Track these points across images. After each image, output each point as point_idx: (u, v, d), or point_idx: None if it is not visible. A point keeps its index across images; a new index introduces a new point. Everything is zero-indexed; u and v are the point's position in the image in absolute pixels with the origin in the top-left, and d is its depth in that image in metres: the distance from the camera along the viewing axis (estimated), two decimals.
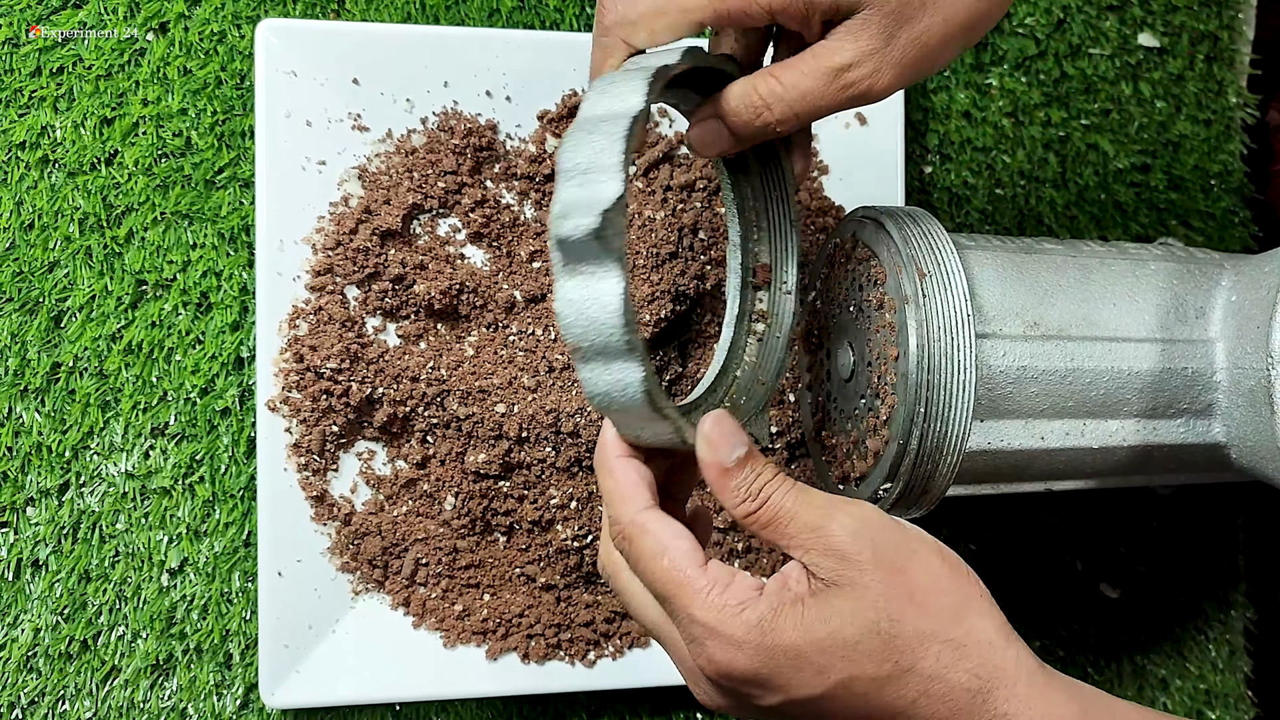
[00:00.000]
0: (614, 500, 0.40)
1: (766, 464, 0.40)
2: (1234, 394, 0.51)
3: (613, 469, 0.41)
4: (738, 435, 0.39)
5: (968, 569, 0.39)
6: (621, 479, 0.40)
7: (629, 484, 0.40)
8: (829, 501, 0.39)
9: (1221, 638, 0.70)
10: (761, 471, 0.39)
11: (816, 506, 0.38)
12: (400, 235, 0.57)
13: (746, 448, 0.39)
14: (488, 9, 0.62)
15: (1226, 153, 0.71)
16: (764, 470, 0.39)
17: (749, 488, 0.39)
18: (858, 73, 0.40)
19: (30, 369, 0.56)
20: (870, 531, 0.38)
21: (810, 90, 0.41)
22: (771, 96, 0.41)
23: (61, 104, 0.57)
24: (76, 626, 0.57)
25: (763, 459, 0.40)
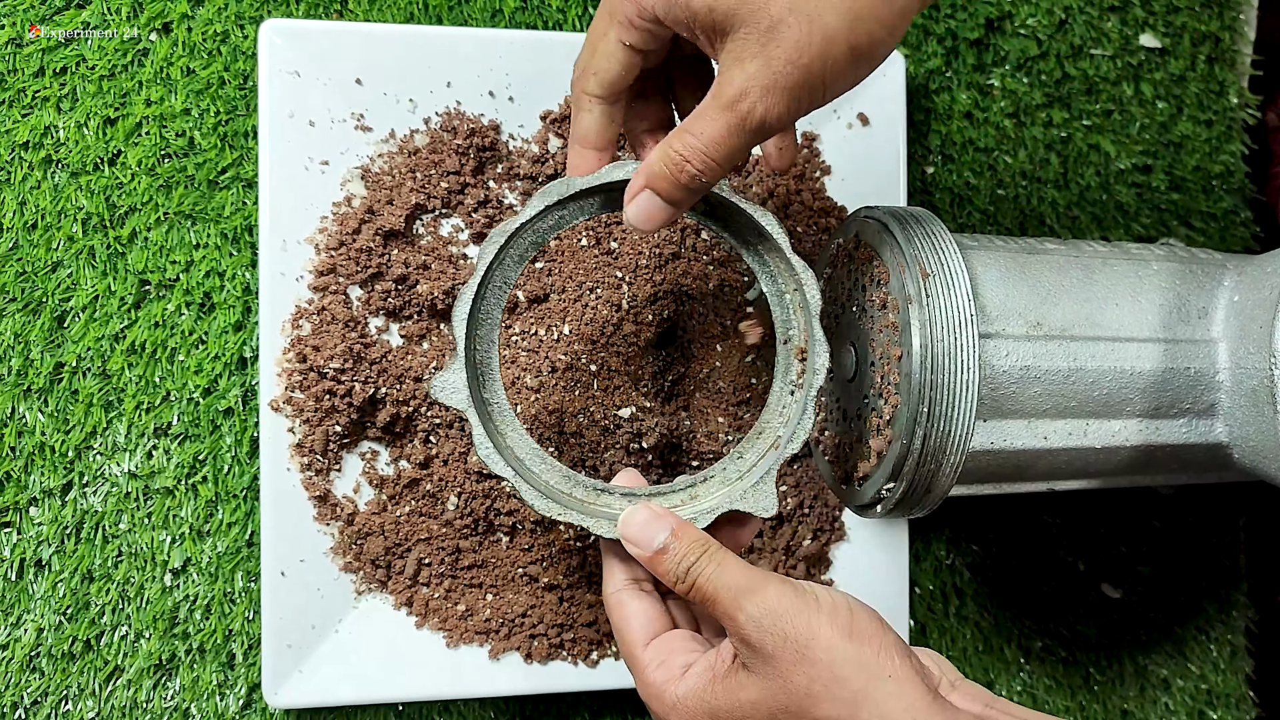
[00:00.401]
0: (605, 574, 0.47)
1: (692, 544, 0.43)
2: (1236, 394, 0.51)
3: (607, 548, 0.47)
4: (657, 523, 0.44)
5: (881, 637, 0.40)
6: (610, 557, 0.46)
7: (618, 560, 0.46)
8: (743, 586, 0.41)
9: (1223, 638, 0.70)
10: (685, 554, 0.43)
11: (730, 593, 0.41)
12: (403, 235, 0.57)
13: (668, 532, 0.43)
14: (490, 9, 0.62)
15: (1228, 153, 0.71)
16: (687, 552, 0.43)
17: (676, 570, 0.43)
18: (749, 102, 0.40)
19: (33, 369, 0.56)
20: (773, 622, 0.40)
21: (716, 133, 0.41)
22: (686, 149, 0.42)
23: (65, 104, 0.57)
24: (79, 626, 0.57)
25: (688, 538, 0.43)
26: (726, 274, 0.59)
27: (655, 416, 0.58)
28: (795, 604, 0.40)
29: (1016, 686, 0.67)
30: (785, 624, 0.40)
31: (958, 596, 0.66)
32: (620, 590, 0.46)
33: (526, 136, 0.59)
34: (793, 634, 0.40)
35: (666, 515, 0.44)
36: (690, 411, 0.60)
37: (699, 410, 0.60)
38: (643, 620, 0.45)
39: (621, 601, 0.46)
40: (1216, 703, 0.70)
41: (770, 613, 0.40)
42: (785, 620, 0.40)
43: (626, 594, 0.46)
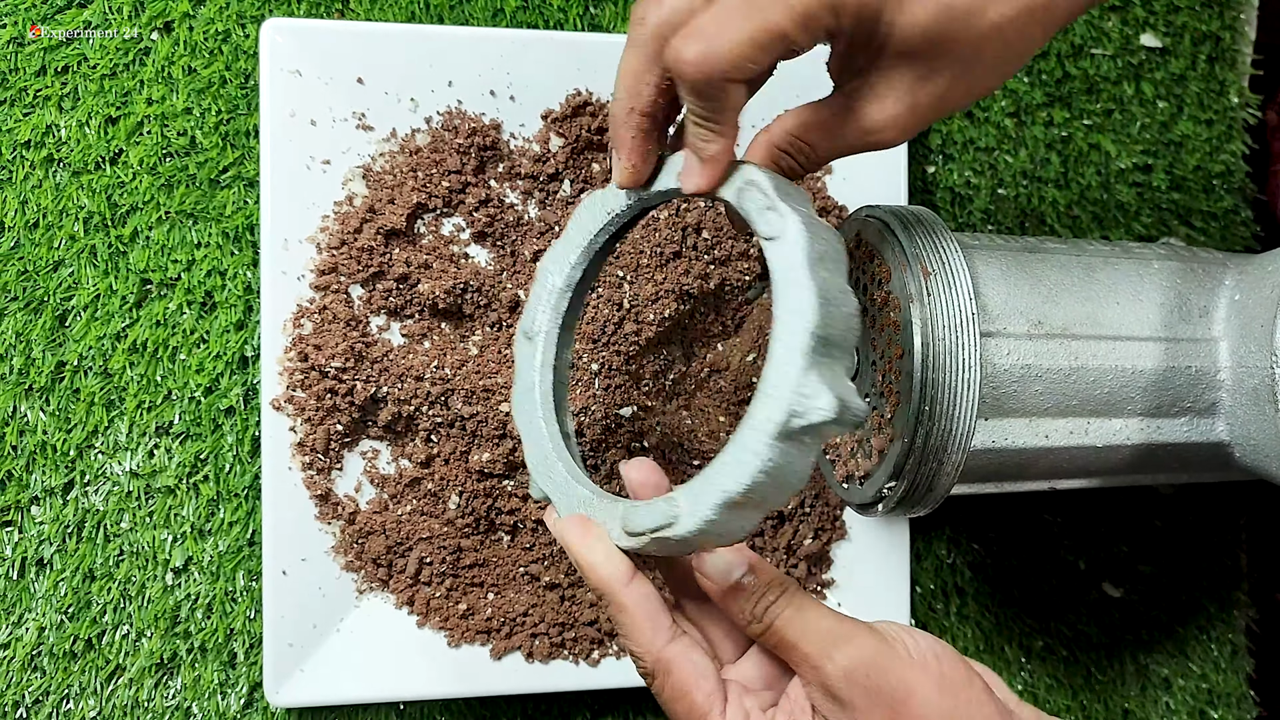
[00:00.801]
0: (633, 634, 0.40)
1: (770, 582, 0.39)
2: (1238, 393, 0.51)
3: (624, 602, 0.40)
4: (735, 558, 0.40)
5: (969, 687, 0.38)
6: (636, 611, 0.40)
7: (645, 616, 0.40)
8: (830, 633, 0.38)
9: (1224, 637, 0.70)
10: (764, 594, 0.39)
11: (816, 639, 0.38)
12: (404, 234, 0.57)
13: (745, 567, 0.39)
14: (492, 9, 0.62)
15: (1228, 153, 0.71)
16: (766, 593, 0.39)
17: (752, 610, 0.39)
18: (879, 135, 0.41)
19: (35, 368, 0.56)
20: (864, 674, 0.37)
21: (830, 150, 0.42)
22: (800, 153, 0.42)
23: (66, 103, 0.57)
24: (81, 625, 0.57)
25: (765, 576, 0.39)
26: (728, 273, 0.59)
27: (657, 415, 0.58)
28: (886, 655, 0.38)
29: (1018, 686, 0.67)
30: (878, 678, 0.37)
31: (959, 595, 0.66)
32: (670, 644, 0.40)
33: (528, 136, 0.59)
34: (886, 689, 0.37)
35: (742, 549, 0.40)
36: (692, 410, 0.60)
37: (700, 409, 0.60)
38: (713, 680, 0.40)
39: (681, 656, 0.40)
40: (1218, 702, 0.70)
41: (862, 664, 0.37)
42: (878, 674, 0.37)
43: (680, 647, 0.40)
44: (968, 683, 0.38)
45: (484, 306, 0.57)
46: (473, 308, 0.57)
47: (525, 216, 0.59)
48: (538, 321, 0.46)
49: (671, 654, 0.40)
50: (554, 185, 0.59)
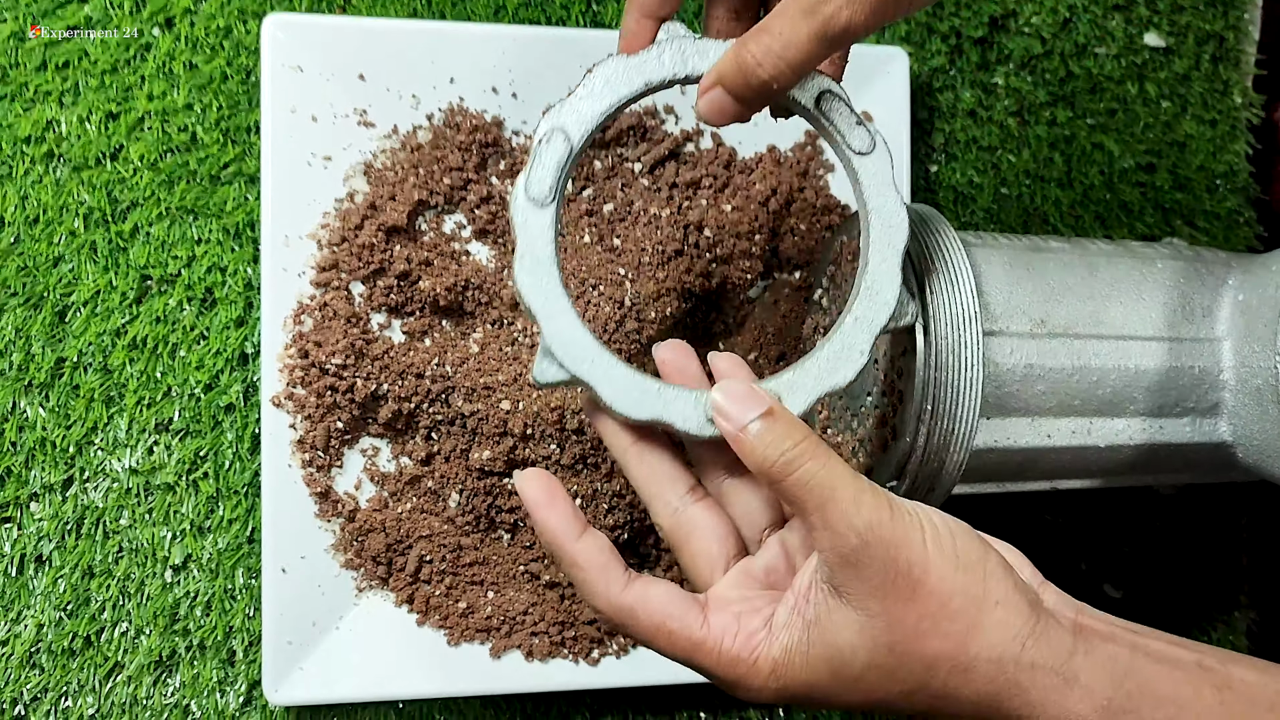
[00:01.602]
0: (587, 587, 0.39)
1: (792, 426, 0.37)
2: (1241, 393, 0.51)
3: (574, 557, 0.39)
4: (754, 398, 0.38)
5: (985, 561, 0.37)
6: (587, 563, 0.39)
7: (596, 568, 0.39)
8: (850, 492, 0.36)
9: (1224, 638, 0.70)
10: (784, 436, 0.37)
11: (842, 498, 0.36)
12: (406, 231, 0.57)
13: (765, 408, 0.38)
14: (494, 5, 0.61)
15: (1232, 153, 0.71)
16: (787, 435, 0.37)
17: (771, 453, 0.37)
18: (833, 6, 0.37)
19: (34, 364, 0.56)
20: (881, 546, 0.36)
21: (793, 36, 0.38)
22: (760, 51, 0.39)
23: (67, 99, 0.57)
24: (79, 622, 0.56)
25: (786, 419, 0.38)
26: (730, 272, 0.59)
27: None
28: (904, 526, 0.36)
29: None
30: (896, 552, 0.36)
31: None
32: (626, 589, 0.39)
33: (530, 133, 0.59)
34: (903, 562, 0.35)
35: (764, 394, 0.39)
36: None
37: None
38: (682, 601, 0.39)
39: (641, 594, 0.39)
40: None
41: (879, 532, 0.35)
42: (896, 547, 0.36)
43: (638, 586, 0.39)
44: (982, 558, 0.37)
45: (485, 304, 0.57)
46: (474, 305, 0.57)
47: None
48: (547, 185, 0.41)
49: (630, 598, 0.39)
50: None
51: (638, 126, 0.59)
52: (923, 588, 0.36)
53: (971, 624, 0.36)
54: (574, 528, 0.39)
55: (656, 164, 0.59)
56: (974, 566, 0.37)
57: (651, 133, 0.59)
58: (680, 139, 0.60)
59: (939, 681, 0.36)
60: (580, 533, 0.39)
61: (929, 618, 0.36)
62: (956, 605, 0.36)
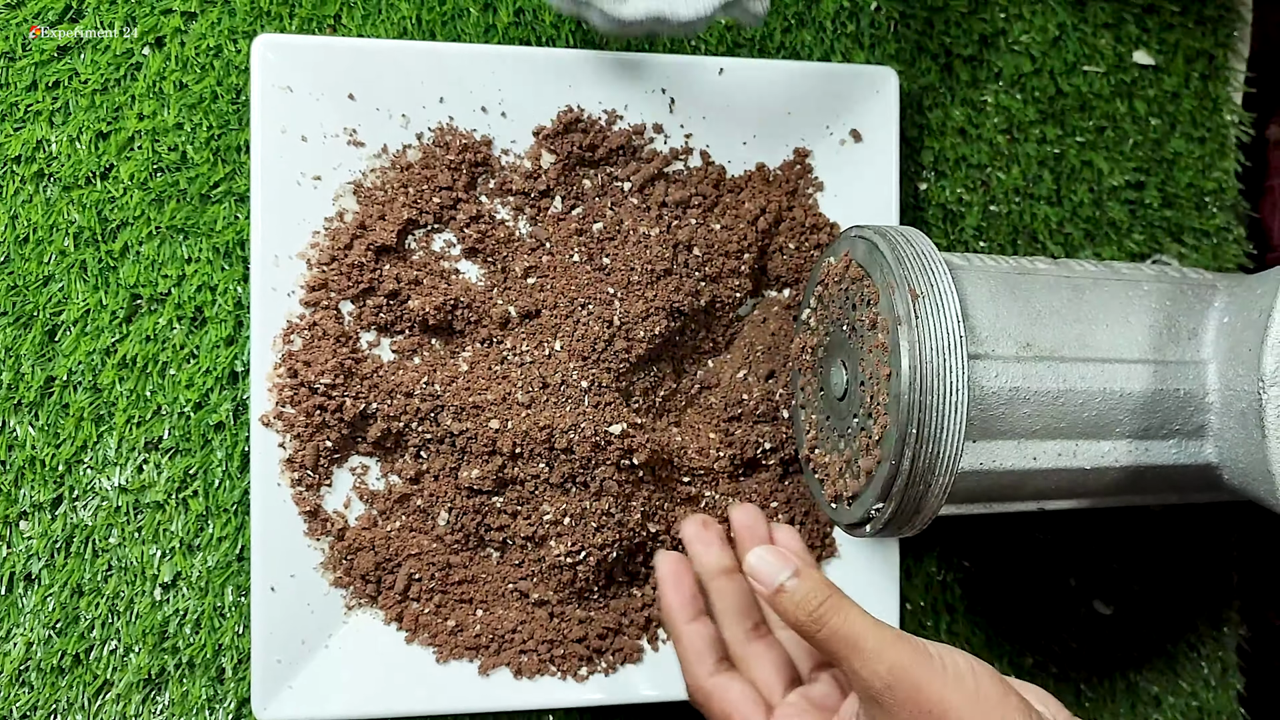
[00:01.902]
0: (684, 664, 0.50)
1: (818, 584, 0.44)
2: (1226, 416, 0.51)
3: (680, 636, 0.50)
4: (781, 560, 0.45)
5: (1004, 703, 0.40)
6: (687, 646, 0.50)
7: (693, 652, 0.50)
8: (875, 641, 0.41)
9: (1214, 655, 0.70)
10: (811, 594, 0.43)
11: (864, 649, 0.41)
12: (395, 250, 0.57)
13: (792, 569, 0.44)
14: (484, 25, 0.62)
15: (1221, 170, 0.71)
16: (813, 592, 0.43)
17: (801, 610, 0.43)
18: None
19: (24, 383, 0.56)
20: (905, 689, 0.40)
21: None
22: None
23: (57, 118, 0.57)
24: (69, 640, 0.56)
25: (813, 578, 0.44)
26: (719, 290, 0.59)
27: (646, 433, 0.58)
28: (926, 669, 0.41)
29: None
30: (918, 693, 0.40)
31: (949, 613, 0.66)
32: (712, 676, 0.48)
33: (519, 152, 0.59)
34: (924, 702, 0.40)
35: (790, 555, 0.45)
36: (682, 427, 0.60)
37: (690, 426, 0.60)
38: (750, 703, 0.47)
39: (720, 687, 0.48)
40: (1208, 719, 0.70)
41: (900, 674, 0.40)
42: (917, 688, 0.40)
43: (721, 680, 0.48)
44: (1002, 699, 0.40)
45: (474, 323, 0.57)
46: (463, 324, 0.57)
47: (516, 233, 0.59)
48: None
49: (711, 685, 0.48)
50: (545, 201, 0.59)
51: (627, 145, 0.59)
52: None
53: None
54: (689, 611, 0.51)
55: (646, 183, 0.59)
56: (993, 708, 0.40)
57: (641, 152, 0.60)
58: (669, 158, 0.60)
59: None
60: (692, 618, 0.51)
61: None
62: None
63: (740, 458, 0.60)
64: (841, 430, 0.53)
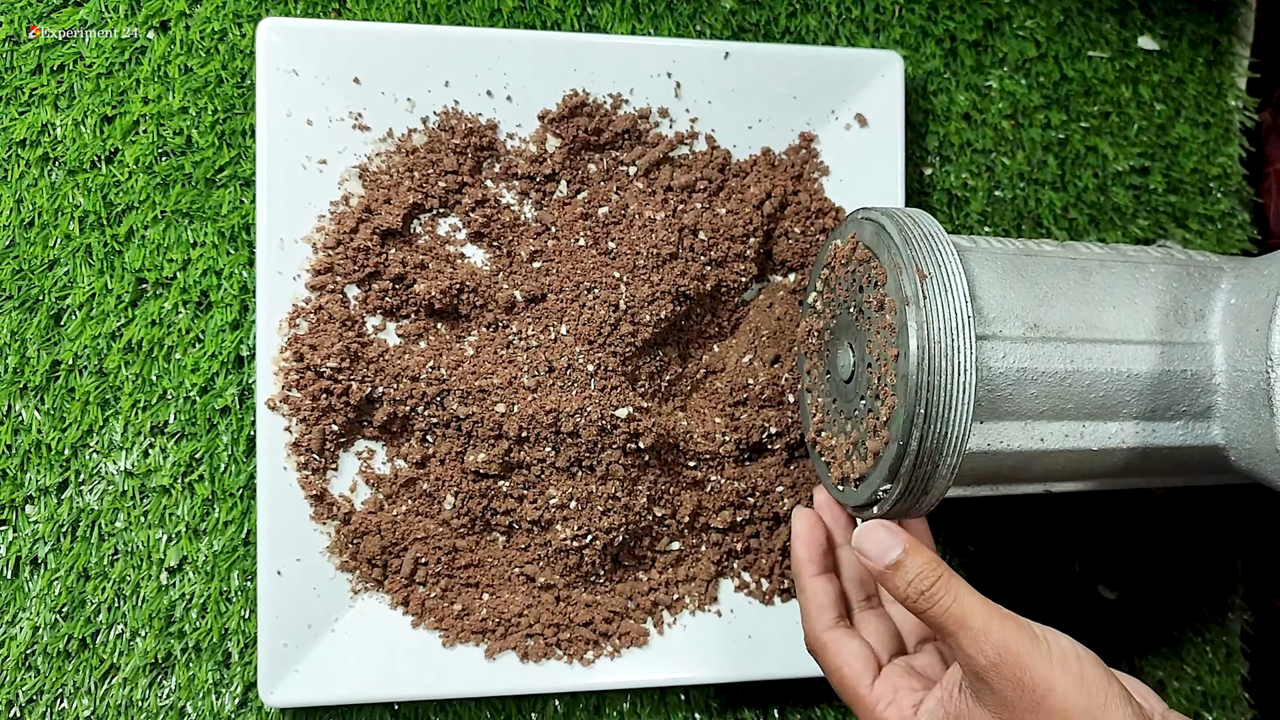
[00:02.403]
0: (805, 616, 0.51)
1: (927, 563, 0.45)
2: (1233, 396, 0.51)
3: (805, 588, 0.52)
4: (892, 539, 0.46)
5: (1108, 688, 0.41)
6: (810, 598, 0.51)
7: (815, 604, 0.51)
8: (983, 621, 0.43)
9: (1219, 639, 0.70)
10: (922, 573, 0.45)
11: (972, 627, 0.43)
12: (400, 234, 0.57)
13: (901, 549, 0.45)
14: (489, 9, 0.62)
15: (1225, 155, 0.71)
16: (924, 572, 0.45)
17: (910, 588, 0.45)
18: None
19: (30, 367, 0.56)
20: (1011, 667, 0.41)
21: None
22: None
23: (62, 102, 0.57)
24: (75, 625, 0.56)
25: (922, 557, 0.45)
26: (724, 274, 0.59)
27: (652, 417, 0.58)
28: (1031, 650, 0.42)
29: None
30: (1023, 673, 0.41)
31: None
32: (830, 629, 0.50)
33: (524, 136, 0.59)
34: (1029, 682, 0.41)
35: (900, 532, 0.46)
36: (688, 412, 0.60)
37: (696, 411, 0.60)
38: (862, 659, 0.49)
39: (836, 639, 0.49)
40: (1212, 704, 0.70)
41: (1009, 652, 0.42)
42: (1023, 669, 0.41)
43: (837, 633, 0.50)
44: (1106, 685, 0.41)
45: (480, 307, 0.57)
46: (469, 308, 0.57)
47: (521, 217, 0.59)
48: None
49: (828, 637, 0.50)
50: (550, 186, 0.59)
51: (632, 130, 0.59)
52: (1045, 704, 0.41)
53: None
54: (816, 566, 0.52)
55: (651, 167, 0.59)
56: (1096, 692, 0.41)
57: (646, 136, 0.60)
58: (675, 142, 0.60)
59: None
60: (818, 572, 0.52)
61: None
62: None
63: (746, 442, 0.60)
64: (848, 412, 0.53)
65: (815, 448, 0.57)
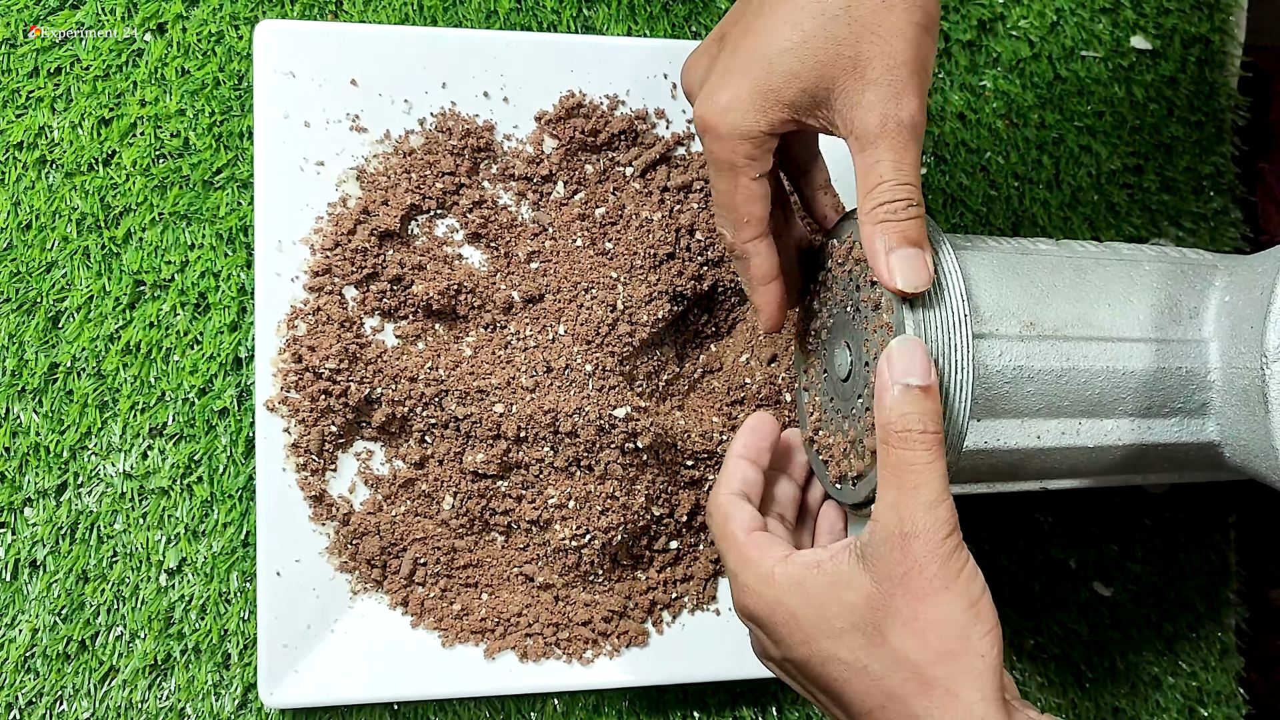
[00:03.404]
0: (716, 484, 0.51)
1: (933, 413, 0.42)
2: (1228, 393, 0.51)
3: (728, 466, 0.51)
4: (924, 366, 0.43)
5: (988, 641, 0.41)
6: (729, 472, 0.50)
7: (727, 476, 0.50)
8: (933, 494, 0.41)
9: (1213, 635, 0.71)
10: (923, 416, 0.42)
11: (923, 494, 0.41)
12: (398, 236, 0.57)
13: (926, 383, 0.43)
14: (485, 10, 0.62)
15: (1218, 154, 0.71)
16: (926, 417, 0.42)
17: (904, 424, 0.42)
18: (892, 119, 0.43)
19: (28, 369, 0.56)
20: (922, 549, 0.40)
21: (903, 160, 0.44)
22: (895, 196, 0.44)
23: (59, 104, 0.57)
24: (74, 627, 0.57)
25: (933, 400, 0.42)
26: (721, 274, 0.59)
27: (650, 416, 0.58)
28: (948, 550, 0.41)
29: None
30: (930, 560, 0.40)
31: None
32: (734, 494, 0.49)
33: (521, 137, 0.59)
34: (929, 573, 0.40)
35: (930, 368, 0.44)
36: (685, 411, 0.60)
37: (693, 410, 0.61)
38: (750, 519, 0.48)
39: (732, 502, 0.49)
40: (1207, 700, 0.70)
41: (926, 536, 0.40)
42: (932, 557, 0.40)
43: (739, 499, 0.49)
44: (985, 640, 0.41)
45: (478, 308, 0.58)
46: (466, 309, 0.58)
47: (519, 218, 0.59)
48: None
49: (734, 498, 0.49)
50: (547, 187, 0.59)
51: (629, 130, 0.59)
52: (925, 601, 0.40)
53: (952, 654, 0.40)
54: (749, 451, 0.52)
55: (648, 168, 0.59)
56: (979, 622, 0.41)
57: (643, 137, 0.60)
58: (671, 143, 0.60)
59: (898, 683, 0.40)
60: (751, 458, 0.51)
61: (928, 626, 0.40)
62: (950, 634, 0.40)
63: None
64: (845, 411, 0.53)
65: (813, 446, 0.57)
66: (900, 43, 0.42)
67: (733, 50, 0.45)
